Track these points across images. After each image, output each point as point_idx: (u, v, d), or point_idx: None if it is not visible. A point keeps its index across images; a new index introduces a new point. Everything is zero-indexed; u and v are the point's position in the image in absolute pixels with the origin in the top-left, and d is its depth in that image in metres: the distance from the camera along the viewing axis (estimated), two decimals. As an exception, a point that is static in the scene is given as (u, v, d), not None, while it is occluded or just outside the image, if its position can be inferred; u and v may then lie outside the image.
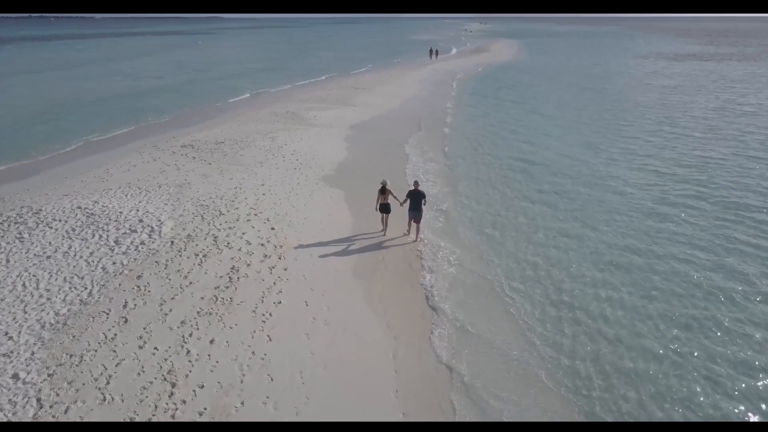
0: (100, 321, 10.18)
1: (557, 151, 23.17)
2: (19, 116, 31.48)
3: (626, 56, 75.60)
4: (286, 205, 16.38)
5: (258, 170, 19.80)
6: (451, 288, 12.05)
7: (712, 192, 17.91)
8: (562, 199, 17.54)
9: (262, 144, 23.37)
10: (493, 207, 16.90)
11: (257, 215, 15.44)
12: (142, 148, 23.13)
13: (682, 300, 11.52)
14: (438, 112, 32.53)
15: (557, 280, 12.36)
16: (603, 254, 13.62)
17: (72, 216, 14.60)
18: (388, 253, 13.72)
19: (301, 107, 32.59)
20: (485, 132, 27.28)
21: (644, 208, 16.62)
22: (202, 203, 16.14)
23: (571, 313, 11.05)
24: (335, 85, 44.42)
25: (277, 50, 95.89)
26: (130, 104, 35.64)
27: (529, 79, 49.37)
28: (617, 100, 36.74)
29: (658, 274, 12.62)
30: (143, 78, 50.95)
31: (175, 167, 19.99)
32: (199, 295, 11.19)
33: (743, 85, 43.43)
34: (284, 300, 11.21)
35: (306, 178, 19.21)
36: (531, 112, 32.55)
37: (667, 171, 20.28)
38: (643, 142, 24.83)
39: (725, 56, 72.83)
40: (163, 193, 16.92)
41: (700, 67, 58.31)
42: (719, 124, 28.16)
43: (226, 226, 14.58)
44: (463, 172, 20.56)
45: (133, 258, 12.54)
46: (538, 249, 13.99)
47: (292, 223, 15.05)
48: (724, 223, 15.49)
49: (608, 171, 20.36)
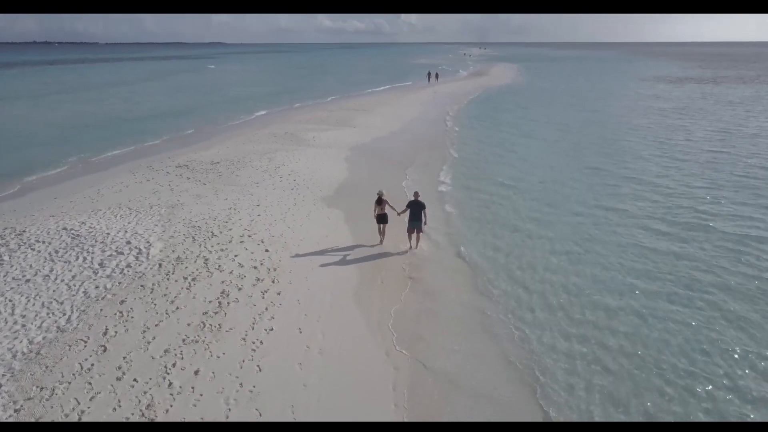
0: (77, 350, 9.44)
1: (557, 174, 22.51)
2: (13, 137, 31.06)
3: (626, 79, 75.81)
4: (282, 226, 15.74)
5: (254, 191, 19.22)
6: (453, 313, 11.32)
7: (716, 216, 17.24)
8: (562, 220, 16.91)
9: (259, 164, 22.85)
10: (494, 226, 16.25)
11: (251, 237, 14.79)
12: (135, 168, 22.59)
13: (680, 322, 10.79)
14: (438, 134, 32.11)
15: (565, 308, 11.64)
16: (603, 276, 12.93)
17: (56, 237, 13.95)
18: (387, 274, 13.04)
19: (300, 128, 32.21)
20: (486, 154, 26.77)
21: (644, 231, 15.89)
22: (194, 224, 15.51)
23: (565, 328, 10.31)
24: (335, 106, 44.24)
25: (277, 74, 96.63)
26: (128, 126, 35.31)
27: (530, 101, 49.20)
28: (618, 123, 36.37)
29: (660, 298, 11.91)
30: (142, 102, 50.91)
31: (168, 188, 19.42)
32: (186, 321, 10.47)
33: (744, 107, 43.11)
34: (276, 327, 10.49)
35: (303, 198, 18.61)
36: (531, 134, 32.07)
37: (669, 194, 19.60)
38: (644, 165, 24.23)
39: (723, 79, 73.02)
40: (154, 214, 16.30)
41: (700, 90, 58.28)
42: (722, 147, 27.55)
43: (218, 248, 13.91)
44: (464, 193, 19.95)
45: (117, 282, 11.84)
46: (537, 274, 13.30)
47: (287, 245, 14.39)
48: (730, 248, 14.82)
49: (609, 194, 19.74)
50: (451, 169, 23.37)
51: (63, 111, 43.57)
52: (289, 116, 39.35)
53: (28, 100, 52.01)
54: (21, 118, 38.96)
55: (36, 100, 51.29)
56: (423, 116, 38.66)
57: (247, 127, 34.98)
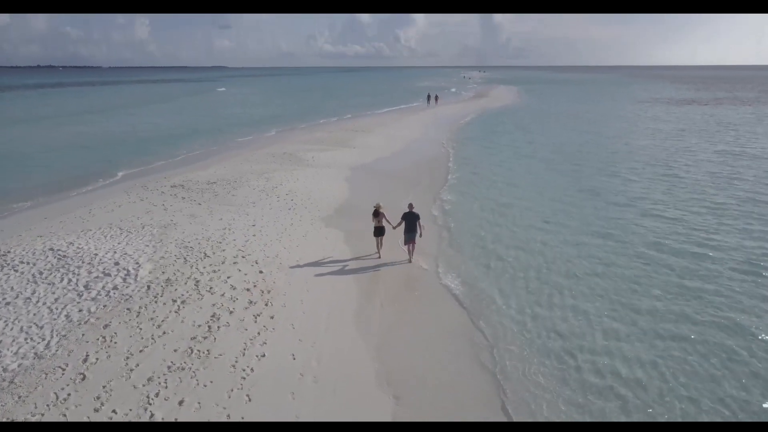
0: (54, 378, 8.82)
1: (557, 194, 22.05)
2: (5, 159, 30.68)
3: (624, 101, 75.95)
4: (278, 247, 15.20)
5: (250, 210, 18.73)
6: (456, 339, 10.71)
7: (721, 243, 16.67)
8: (560, 240, 16.37)
9: (256, 184, 22.41)
10: (490, 248, 15.70)
11: (245, 257, 14.23)
12: (130, 188, 22.14)
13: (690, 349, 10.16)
14: (438, 155, 31.77)
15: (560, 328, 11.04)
16: (602, 297, 12.34)
17: (42, 258, 13.40)
18: (386, 294, 12.49)
19: (299, 148, 31.90)
20: (487, 174, 26.36)
21: (645, 255, 15.34)
22: (186, 245, 14.97)
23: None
24: (335, 128, 44.08)
25: (279, 96, 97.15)
26: (125, 148, 34.97)
27: (529, 122, 49.07)
28: (618, 145, 36.08)
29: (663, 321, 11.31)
30: (141, 123, 50.85)
31: (162, 207, 18.93)
32: (172, 347, 9.86)
33: (745, 129, 42.91)
34: (268, 353, 9.87)
35: (300, 218, 18.10)
36: (532, 155, 31.70)
37: (672, 216, 19.06)
38: (646, 185, 23.81)
39: (722, 101, 73.18)
40: (146, 234, 15.77)
41: (700, 111, 58.26)
42: (723, 169, 27.00)
43: (210, 269, 13.34)
44: (463, 213, 19.45)
45: (102, 305, 11.25)
46: (533, 297, 12.72)
47: (282, 266, 13.82)
48: (739, 278, 14.25)
49: (608, 217, 19.23)
50: (450, 189, 22.90)
51: (61, 133, 43.37)
52: (289, 137, 39.12)
53: (27, 122, 51.89)
54: (17, 140, 38.64)
55: (34, 123, 51.17)
56: (423, 137, 38.40)
57: (245, 147, 34.68)
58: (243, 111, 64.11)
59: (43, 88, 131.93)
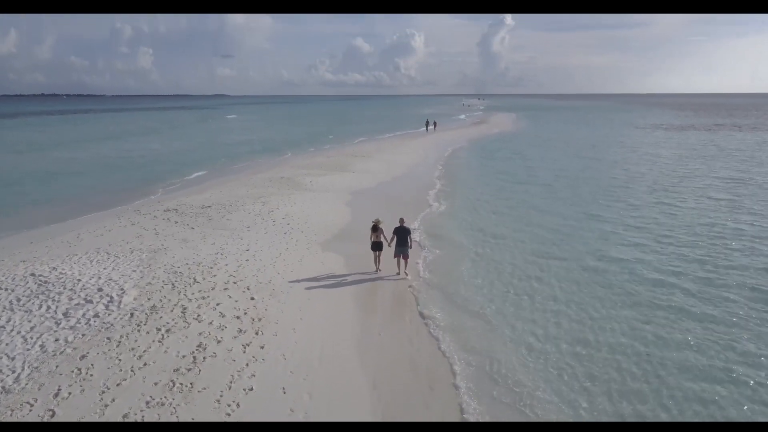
0: (21, 415, 8.07)
1: (557, 219, 21.43)
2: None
3: (624, 127, 75.89)
4: (271, 272, 14.53)
5: (244, 235, 18.12)
6: (461, 373, 9.97)
7: (725, 270, 15.98)
8: (558, 266, 15.72)
9: (251, 208, 21.85)
10: (486, 273, 15.03)
11: (236, 283, 13.56)
12: (122, 212, 21.58)
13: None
14: (437, 180, 31.32)
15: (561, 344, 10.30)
16: (600, 319, 11.63)
17: (21, 284, 12.72)
18: (384, 320, 11.78)
19: (298, 173, 31.48)
20: (487, 198, 25.86)
21: (646, 284, 14.69)
22: (176, 270, 14.30)
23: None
24: (335, 153, 43.84)
25: (278, 122, 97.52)
26: (121, 174, 34.56)
27: (528, 148, 48.81)
28: (619, 170, 35.68)
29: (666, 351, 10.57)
30: (140, 150, 50.70)
31: (153, 232, 18.31)
32: (153, 380, 9.12)
33: (746, 154, 42.58)
34: (257, 386, 9.12)
35: (296, 242, 17.48)
36: (531, 180, 31.22)
37: (677, 244, 18.41)
38: (649, 212, 23.25)
39: (721, 127, 73.16)
40: (134, 259, 15.12)
41: (701, 137, 58.07)
42: (727, 196, 26.41)
43: (199, 295, 12.66)
44: (465, 238, 18.83)
45: (81, 334, 10.53)
46: (530, 326, 12.02)
47: (275, 292, 13.14)
48: (751, 307, 13.57)
49: (611, 244, 18.64)
50: (450, 214, 22.32)
51: (59, 159, 43.09)
52: (287, 162, 38.79)
53: (23, 149, 51.72)
54: (8, 167, 38.20)
55: (31, 149, 51.00)
56: (422, 162, 38.03)
57: (242, 171, 34.27)
58: (254, 137, 63.97)
59: (44, 115, 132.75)
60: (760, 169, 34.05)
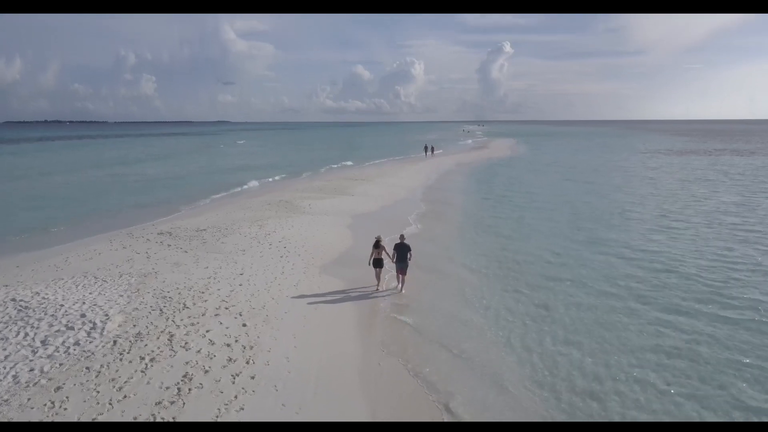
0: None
1: (562, 246, 20.86)
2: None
3: (625, 152, 75.57)
4: (265, 297, 13.87)
5: (239, 258, 17.49)
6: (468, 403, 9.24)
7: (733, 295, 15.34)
8: (560, 289, 15.06)
9: (248, 231, 21.26)
10: (488, 299, 14.36)
11: (228, 309, 12.89)
12: (114, 235, 20.97)
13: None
14: (437, 205, 30.81)
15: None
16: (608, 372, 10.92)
17: (1, 310, 12.05)
18: (383, 343, 11.07)
19: (296, 196, 30.99)
20: (490, 223, 25.28)
21: (653, 311, 14.04)
22: (165, 295, 13.64)
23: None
24: (334, 176, 43.45)
25: (279, 147, 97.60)
26: (118, 198, 34.05)
27: (531, 173, 48.41)
28: (625, 195, 35.21)
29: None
30: (137, 175, 50.42)
31: (145, 255, 17.69)
32: (132, 414, 8.40)
33: (750, 179, 42.11)
34: (245, 420, 8.40)
35: (293, 266, 16.84)
36: (533, 205, 30.68)
37: (686, 274, 17.70)
38: (657, 236, 22.69)
39: (722, 152, 72.75)
40: (123, 283, 14.47)
41: (704, 161, 57.63)
42: (736, 220, 25.71)
43: (188, 321, 11.98)
44: (470, 261, 18.20)
45: (58, 363, 9.83)
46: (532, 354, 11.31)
47: (268, 319, 12.45)
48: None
49: (618, 272, 18.00)
50: (453, 238, 21.73)
51: (57, 183, 42.73)
52: (287, 185, 38.38)
53: (22, 174, 51.48)
54: (7, 192, 37.77)
55: (29, 175, 50.74)
56: (422, 187, 37.60)
57: (240, 195, 33.83)
58: (257, 162, 63.84)
59: (46, 141, 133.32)
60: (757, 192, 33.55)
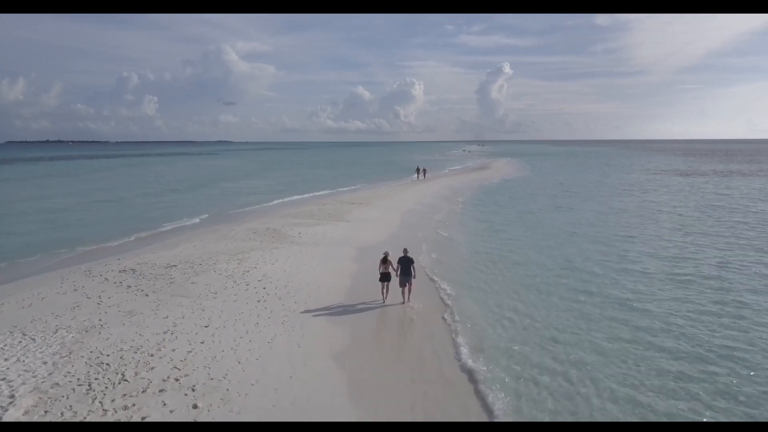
0: None
1: (572, 265, 18.25)
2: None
3: (632, 172, 73.02)
4: (230, 361, 11.13)
5: (207, 304, 14.78)
6: None
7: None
8: (562, 306, 12.32)
9: (224, 267, 18.56)
10: (493, 326, 11.63)
11: (179, 381, 10.13)
12: (69, 274, 18.24)
13: None
14: (433, 235, 28.10)
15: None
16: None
17: None
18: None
19: (286, 223, 28.30)
20: (496, 245, 22.57)
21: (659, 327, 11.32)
22: (102, 360, 10.90)
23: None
24: (329, 199, 40.86)
25: (275, 167, 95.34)
26: (94, 224, 31.47)
27: (534, 195, 45.75)
28: (639, 215, 32.59)
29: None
30: (114, 198, 47.93)
31: (96, 301, 14.96)
32: None
33: (760, 196, 39.49)
34: None
35: (270, 314, 14.13)
36: (538, 226, 28.21)
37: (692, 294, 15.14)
38: (665, 257, 20.01)
39: (727, 172, 69.95)
40: (54, 343, 11.73)
41: (708, 182, 55.17)
42: (758, 241, 23.16)
43: (121, 404, 9.21)
44: (477, 283, 15.49)
45: None
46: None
47: (227, 396, 9.69)
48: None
49: (630, 286, 15.30)
50: (458, 261, 19.03)
51: (36, 210, 40.18)
52: (277, 210, 35.75)
53: (21, 198, 48.98)
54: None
55: (23, 199, 48.23)
56: (421, 210, 34.98)
57: (225, 221, 31.15)
58: (258, 183, 61.42)
59: (44, 161, 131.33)
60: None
